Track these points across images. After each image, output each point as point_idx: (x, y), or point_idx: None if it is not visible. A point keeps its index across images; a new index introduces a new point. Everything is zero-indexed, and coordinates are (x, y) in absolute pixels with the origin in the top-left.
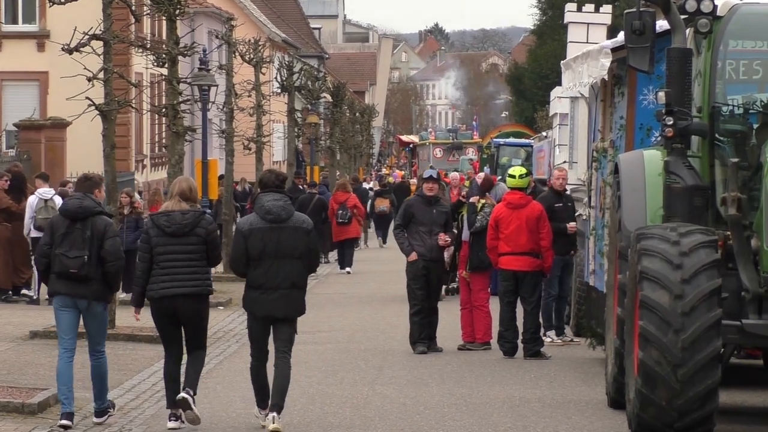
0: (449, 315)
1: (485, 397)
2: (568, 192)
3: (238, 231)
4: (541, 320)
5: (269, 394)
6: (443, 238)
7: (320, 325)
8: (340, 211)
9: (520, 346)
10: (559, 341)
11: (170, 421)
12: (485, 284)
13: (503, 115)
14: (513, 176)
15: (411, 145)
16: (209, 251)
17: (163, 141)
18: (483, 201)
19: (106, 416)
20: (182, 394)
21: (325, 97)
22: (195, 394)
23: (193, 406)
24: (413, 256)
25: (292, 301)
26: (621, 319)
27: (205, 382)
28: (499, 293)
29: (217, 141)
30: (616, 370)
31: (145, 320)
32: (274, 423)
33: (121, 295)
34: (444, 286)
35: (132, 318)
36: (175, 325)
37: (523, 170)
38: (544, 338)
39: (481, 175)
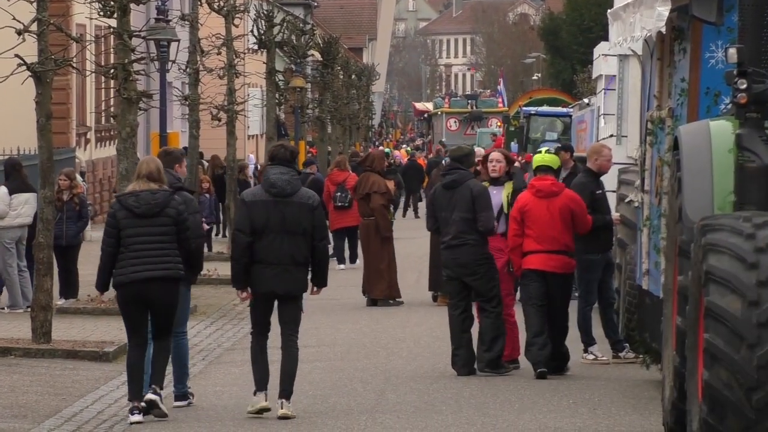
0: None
1: (512, 428)
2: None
3: (242, 200)
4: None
5: (268, 377)
6: None
7: (306, 338)
8: (339, 194)
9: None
10: (605, 358)
11: (132, 414)
12: (512, 287)
13: (535, 77)
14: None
15: (426, 115)
16: (179, 233)
17: (112, 110)
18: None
19: (187, 402)
20: (149, 396)
21: (312, 55)
22: (162, 388)
23: (160, 405)
24: None
25: (292, 277)
26: (682, 330)
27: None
28: (524, 298)
29: (179, 109)
30: (676, 394)
31: (88, 333)
32: (282, 408)
33: (59, 301)
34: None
35: (72, 330)
36: (142, 312)
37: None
38: (586, 356)
39: (480, 150)
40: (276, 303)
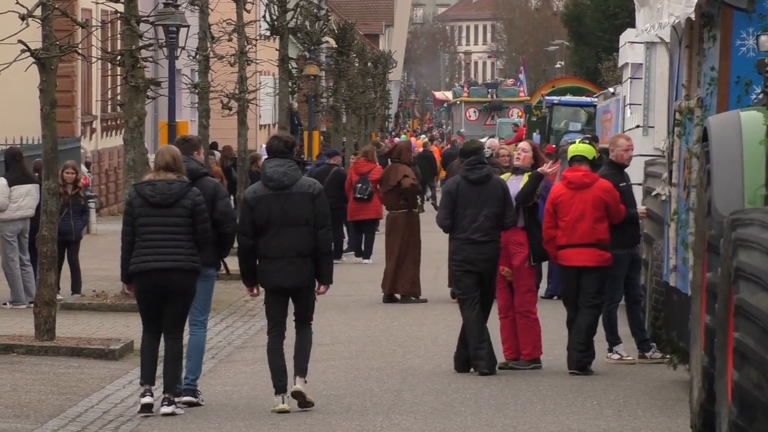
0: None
1: (534, 430)
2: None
3: (245, 201)
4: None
5: (286, 380)
6: None
7: (320, 336)
8: (360, 185)
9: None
10: (630, 358)
11: (143, 396)
12: (532, 283)
13: (558, 65)
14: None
15: (446, 104)
16: (195, 224)
17: (118, 98)
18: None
19: (196, 401)
20: (163, 410)
21: (327, 41)
22: (175, 396)
23: (177, 412)
24: None
25: (298, 270)
26: (710, 329)
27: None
28: (562, 293)
29: (188, 98)
30: (704, 395)
31: (93, 330)
32: (296, 384)
33: (60, 297)
34: None
35: (77, 327)
36: (156, 302)
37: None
38: (611, 355)
39: (492, 141)
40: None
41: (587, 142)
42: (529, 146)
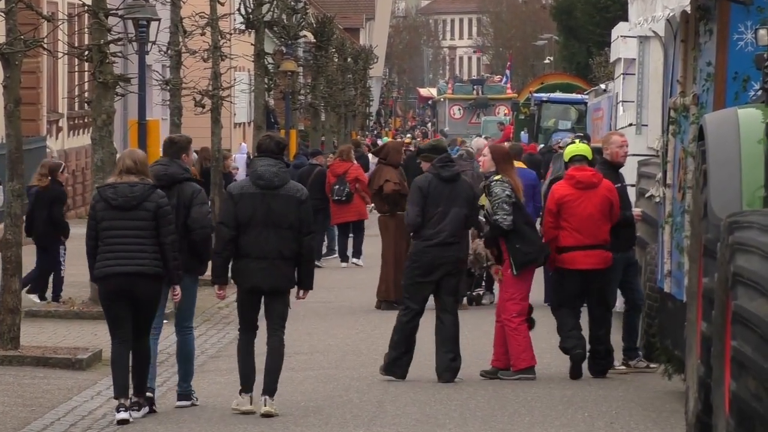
0: (472, 331)
1: None
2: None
3: (228, 193)
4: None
5: (254, 377)
6: None
7: (298, 345)
8: (337, 186)
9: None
10: (623, 367)
11: (118, 412)
12: (514, 292)
13: (547, 61)
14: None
15: (430, 101)
16: (159, 227)
17: (86, 95)
18: (497, 177)
19: (190, 403)
20: (135, 415)
21: (305, 36)
22: (145, 398)
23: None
24: None
25: (279, 272)
26: (707, 337)
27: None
28: (559, 299)
29: (159, 95)
30: (700, 406)
31: (60, 338)
32: (266, 405)
33: (25, 304)
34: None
35: (42, 336)
36: (122, 307)
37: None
38: None
39: (479, 141)
40: (262, 298)
41: (585, 141)
42: (488, 150)
